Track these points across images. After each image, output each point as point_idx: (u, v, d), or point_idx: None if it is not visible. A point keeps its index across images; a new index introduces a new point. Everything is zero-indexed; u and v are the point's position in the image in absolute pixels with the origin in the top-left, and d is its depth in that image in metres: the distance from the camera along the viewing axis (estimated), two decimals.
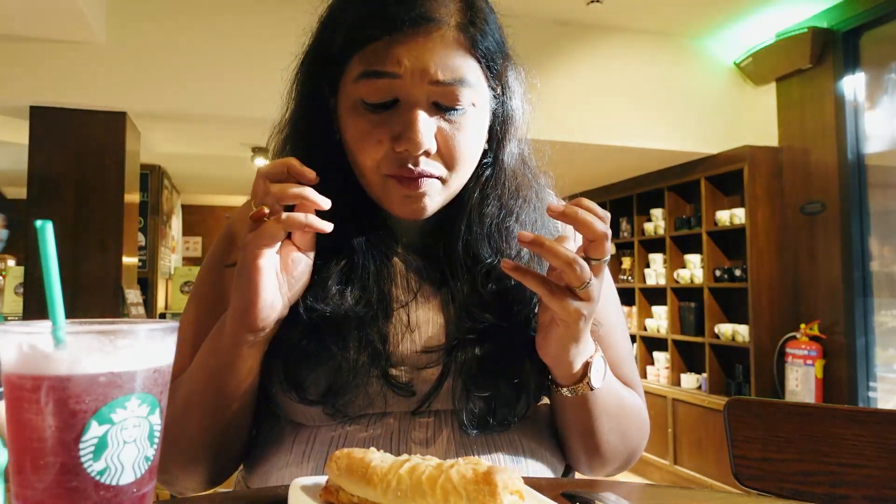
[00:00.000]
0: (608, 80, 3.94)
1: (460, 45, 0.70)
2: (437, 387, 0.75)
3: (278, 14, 3.31)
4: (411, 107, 0.70)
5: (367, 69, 0.70)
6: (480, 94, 0.74)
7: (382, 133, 0.71)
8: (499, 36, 0.76)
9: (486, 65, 0.73)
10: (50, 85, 3.18)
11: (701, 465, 4.26)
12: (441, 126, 0.72)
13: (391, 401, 0.75)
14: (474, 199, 0.79)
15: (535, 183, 0.83)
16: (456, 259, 0.79)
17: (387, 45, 0.68)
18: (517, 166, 0.82)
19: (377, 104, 0.71)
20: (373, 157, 0.72)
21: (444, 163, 0.73)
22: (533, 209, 0.81)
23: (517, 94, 0.81)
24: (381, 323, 0.75)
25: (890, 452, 0.88)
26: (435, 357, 0.76)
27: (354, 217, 0.77)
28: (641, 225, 5.18)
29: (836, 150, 3.77)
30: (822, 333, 3.81)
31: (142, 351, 0.43)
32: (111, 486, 0.41)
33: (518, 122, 0.81)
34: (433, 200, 0.74)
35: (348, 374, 0.72)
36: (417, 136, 0.69)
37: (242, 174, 5.53)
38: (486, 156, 0.80)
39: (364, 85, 0.70)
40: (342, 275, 0.75)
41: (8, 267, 4.66)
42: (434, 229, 0.82)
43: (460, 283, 0.78)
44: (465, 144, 0.73)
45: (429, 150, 0.71)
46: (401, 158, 0.71)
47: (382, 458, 0.55)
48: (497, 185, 0.80)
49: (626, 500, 0.58)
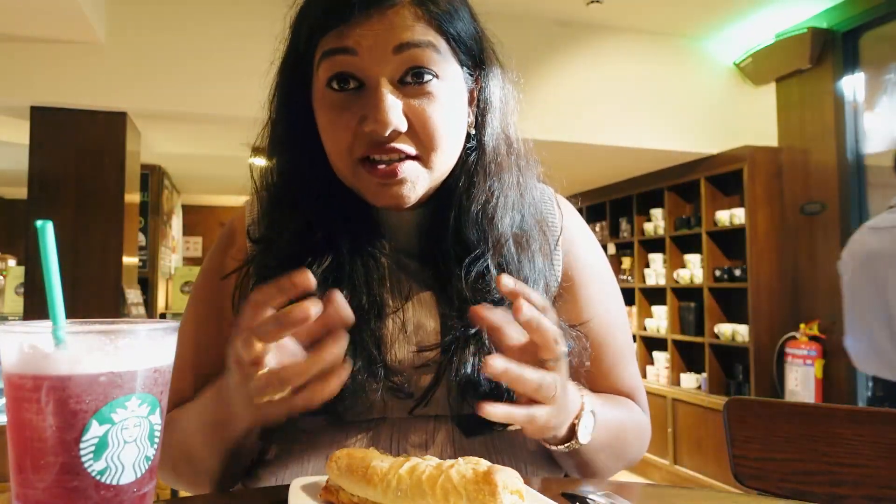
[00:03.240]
0: (608, 81, 3.94)
1: (419, 17, 0.70)
2: (434, 385, 0.74)
3: (278, 14, 3.30)
4: (375, 86, 0.69)
5: (325, 50, 0.70)
6: (449, 69, 0.72)
7: (350, 117, 0.70)
8: (469, 17, 0.75)
9: (454, 40, 0.72)
10: (50, 85, 3.18)
11: (701, 465, 4.26)
12: (410, 103, 0.70)
13: (389, 404, 0.74)
14: (461, 186, 0.77)
15: (516, 166, 0.81)
16: (448, 251, 0.77)
17: (344, 28, 0.69)
18: (499, 147, 0.80)
19: (340, 85, 0.70)
20: (342, 142, 0.71)
21: (418, 142, 0.71)
22: (515, 193, 0.79)
23: (496, 76, 0.79)
24: (373, 326, 0.74)
25: (889, 452, 0.88)
26: (430, 356, 0.75)
27: (343, 219, 0.76)
28: (641, 225, 5.18)
29: (835, 151, 3.77)
30: (822, 333, 3.81)
31: (142, 351, 0.43)
32: (112, 485, 0.42)
33: (497, 102, 0.79)
34: (415, 185, 0.72)
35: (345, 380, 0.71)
36: (383, 114, 0.67)
37: (242, 174, 5.50)
38: (471, 140, 0.79)
39: (323, 68, 0.70)
40: (327, 276, 0.73)
41: (8, 267, 4.66)
42: (428, 229, 0.80)
43: (453, 277, 0.76)
44: (438, 118, 0.70)
45: (398, 129, 0.69)
46: (370, 140, 0.69)
47: (382, 458, 0.56)
48: (480, 169, 0.78)
49: (626, 500, 0.58)
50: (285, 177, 0.79)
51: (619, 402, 0.84)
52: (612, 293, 0.88)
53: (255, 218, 0.83)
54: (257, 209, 0.83)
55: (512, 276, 0.75)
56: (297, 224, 0.76)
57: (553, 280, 0.82)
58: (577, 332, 0.79)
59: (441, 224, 0.78)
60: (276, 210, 0.79)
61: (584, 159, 4.40)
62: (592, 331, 0.82)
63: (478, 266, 0.75)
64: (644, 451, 0.86)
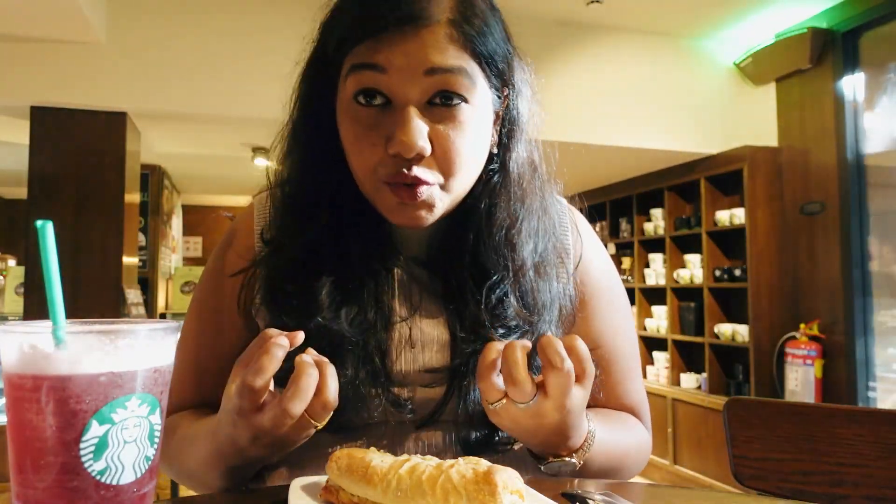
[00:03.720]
0: (608, 81, 3.94)
1: (453, 40, 0.67)
2: (441, 406, 0.74)
3: (278, 14, 3.31)
4: (402, 105, 0.67)
5: (354, 63, 0.68)
6: (478, 93, 0.70)
7: (377, 136, 0.68)
8: (501, 35, 0.73)
9: (486, 62, 0.70)
10: (50, 85, 3.18)
11: (701, 465, 4.26)
12: (437, 128, 0.68)
13: (391, 417, 0.74)
14: (482, 207, 0.75)
15: (539, 190, 0.79)
16: (463, 272, 0.75)
17: (374, 43, 0.67)
18: (524, 171, 0.78)
19: (367, 100, 0.68)
20: (368, 161, 0.69)
21: (440, 167, 0.69)
22: (536, 219, 0.78)
23: (524, 96, 0.77)
24: (379, 337, 0.73)
25: (889, 452, 0.88)
26: (439, 377, 0.74)
27: (356, 225, 0.75)
28: (641, 225, 5.18)
29: (835, 151, 3.77)
30: (822, 333, 3.81)
31: (142, 351, 0.43)
32: (111, 485, 0.42)
33: (524, 124, 0.78)
34: (433, 208, 0.71)
35: (347, 391, 0.69)
36: (408, 136, 0.66)
37: (242, 174, 5.53)
38: (494, 161, 0.77)
39: (352, 81, 0.69)
40: (336, 287, 0.73)
41: (8, 267, 4.67)
42: (441, 241, 0.79)
43: (467, 297, 0.74)
44: (463, 145, 0.69)
45: (422, 153, 0.67)
46: (396, 164, 0.68)
47: (382, 457, 0.56)
48: (504, 193, 0.76)
49: (626, 500, 0.58)
50: (301, 179, 0.78)
51: (622, 423, 0.83)
52: (622, 310, 0.88)
53: (269, 220, 0.81)
54: (270, 210, 0.82)
55: (529, 303, 0.75)
56: (311, 229, 0.75)
57: (567, 303, 0.81)
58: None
59: (457, 241, 0.77)
60: (290, 213, 0.77)
61: (584, 159, 4.40)
62: (601, 347, 0.82)
63: (497, 293, 0.74)
64: (642, 468, 0.86)
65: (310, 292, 0.72)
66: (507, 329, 0.74)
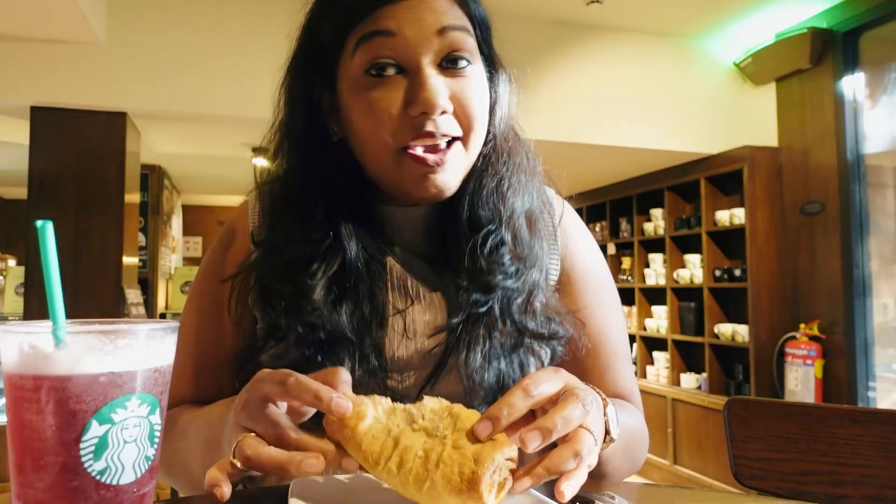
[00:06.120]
0: (608, 81, 3.94)
1: (453, 2, 0.71)
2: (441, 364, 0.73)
3: (279, 14, 3.31)
4: (418, 68, 0.69)
5: (363, 34, 0.69)
6: (477, 55, 0.74)
7: (392, 103, 0.69)
8: (485, 13, 0.77)
9: (479, 27, 0.74)
10: (50, 85, 3.18)
11: (701, 465, 4.26)
12: (451, 85, 0.70)
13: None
14: (476, 170, 0.77)
15: (525, 152, 0.82)
16: (459, 233, 0.76)
17: (382, 11, 0.69)
18: (508, 134, 0.81)
19: (378, 72, 0.69)
20: (385, 129, 0.69)
21: (460, 123, 0.71)
22: (524, 175, 0.80)
23: (503, 72, 0.80)
24: (375, 333, 0.73)
25: (889, 452, 0.88)
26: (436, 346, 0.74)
27: (349, 220, 0.75)
28: (641, 225, 5.18)
29: (835, 151, 3.77)
30: (822, 333, 3.81)
31: (142, 351, 0.43)
32: (111, 485, 0.42)
33: (504, 99, 0.80)
34: (456, 172, 0.72)
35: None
36: (431, 91, 0.67)
37: (242, 174, 5.51)
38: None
39: (361, 54, 0.69)
40: (332, 283, 0.73)
41: (8, 267, 4.67)
42: (433, 225, 0.79)
43: (463, 249, 0.75)
44: (477, 100, 0.72)
45: (445, 109, 0.69)
46: (418, 124, 0.68)
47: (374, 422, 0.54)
48: (492, 153, 0.79)
49: (626, 500, 0.58)
50: (291, 177, 0.78)
51: (622, 405, 0.83)
52: (608, 295, 0.88)
53: (259, 220, 0.81)
54: (259, 210, 0.82)
55: (523, 252, 0.76)
56: (303, 227, 0.75)
57: (553, 271, 0.82)
58: (575, 320, 0.79)
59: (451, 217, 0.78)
60: (281, 212, 0.77)
61: (584, 159, 4.40)
62: (588, 331, 0.82)
63: (492, 240, 0.75)
64: (646, 454, 0.86)
65: (304, 292, 0.72)
66: (505, 275, 0.74)
